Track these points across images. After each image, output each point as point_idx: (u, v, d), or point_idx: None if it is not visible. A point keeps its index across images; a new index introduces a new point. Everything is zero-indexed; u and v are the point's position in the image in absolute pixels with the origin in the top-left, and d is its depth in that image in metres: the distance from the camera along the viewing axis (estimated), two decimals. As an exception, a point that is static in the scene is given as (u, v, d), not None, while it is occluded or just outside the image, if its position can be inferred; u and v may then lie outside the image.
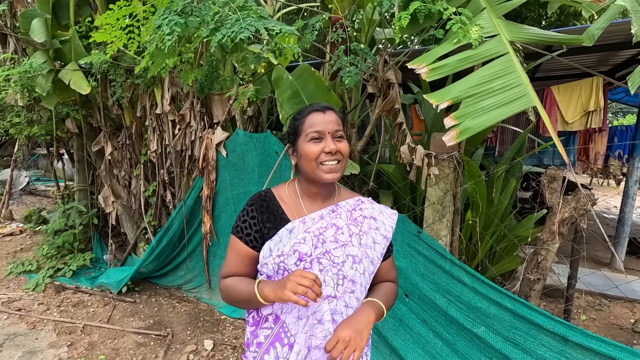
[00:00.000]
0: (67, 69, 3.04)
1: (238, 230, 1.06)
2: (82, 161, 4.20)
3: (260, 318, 1.06)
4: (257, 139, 2.84)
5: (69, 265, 3.67)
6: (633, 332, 2.94)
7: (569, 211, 1.84)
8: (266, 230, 1.04)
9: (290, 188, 1.11)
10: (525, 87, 1.20)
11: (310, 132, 1.01)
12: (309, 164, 1.01)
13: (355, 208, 1.10)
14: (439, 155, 2.09)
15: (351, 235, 1.04)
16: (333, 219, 1.05)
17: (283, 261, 0.98)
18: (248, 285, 1.01)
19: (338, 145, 1.01)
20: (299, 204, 1.08)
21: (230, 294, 1.05)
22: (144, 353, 2.60)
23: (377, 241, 1.08)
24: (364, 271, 1.03)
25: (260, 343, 1.04)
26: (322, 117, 1.02)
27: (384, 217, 1.13)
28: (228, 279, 1.07)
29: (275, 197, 1.09)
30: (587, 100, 4.05)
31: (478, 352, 2.06)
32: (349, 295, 1.01)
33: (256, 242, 1.05)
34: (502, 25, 1.34)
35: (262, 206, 1.06)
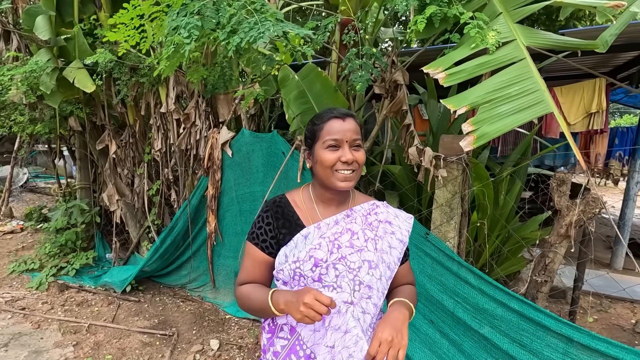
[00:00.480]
0: (72, 67, 3.02)
1: (254, 236, 1.06)
2: (84, 159, 4.18)
3: (276, 327, 1.06)
4: (263, 139, 2.84)
5: (72, 264, 3.66)
6: (634, 333, 2.97)
7: (577, 214, 1.86)
8: (281, 236, 1.04)
9: (305, 193, 1.11)
10: (542, 92, 1.21)
11: (328, 140, 1.01)
12: (324, 171, 1.01)
13: (370, 212, 1.10)
14: (448, 158, 2.10)
15: (367, 240, 1.03)
16: (348, 224, 1.04)
17: (299, 267, 0.98)
18: (262, 295, 1.00)
19: (355, 154, 1.01)
20: (314, 209, 1.08)
21: (244, 302, 1.05)
22: (150, 353, 2.60)
23: (393, 245, 1.07)
24: (381, 276, 1.02)
25: (277, 352, 1.04)
26: (341, 124, 1.01)
27: (400, 221, 1.12)
28: (243, 287, 1.07)
29: (290, 202, 1.09)
30: (590, 101, 4.07)
31: (485, 352, 2.07)
32: (366, 301, 1.00)
33: (272, 249, 1.05)
34: (519, 31, 1.35)
35: (277, 212, 1.06)
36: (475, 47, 1.34)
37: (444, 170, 2.09)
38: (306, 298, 0.88)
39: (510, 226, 2.55)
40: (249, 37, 1.32)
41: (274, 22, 1.35)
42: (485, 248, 2.42)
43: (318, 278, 0.98)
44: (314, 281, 0.99)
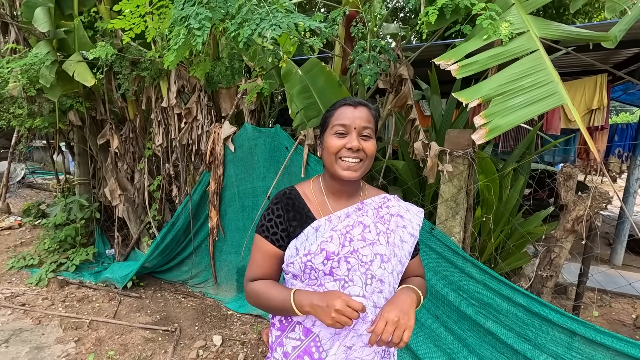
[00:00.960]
0: (71, 60, 2.98)
1: (264, 229, 1.04)
2: (83, 154, 4.13)
3: (289, 324, 1.04)
4: (266, 133, 2.82)
5: (72, 259, 3.63)
6: (635, 328, 2.99)
7: (583, 209, 1.86)
8: (292, 228, 1.02)
9: (315, 185, 1.10)
10: (556, 84, 1.20)
11: (336, 125, 1.00)
12: (329, 158, 1.00)
13: (382, 206, 1.09)
14: (454, 152, 2.09)
15: (379, 233, 1.02)
16: (359, 217, 1.03)
17: (310, 260, 0.97)
18: (281, 294, 0.98)
19: (362, 143, 0.98)
20: (324, 202, 1.06)
21: (260, 299, 1.01)
22: (152, 348, 2.59)
23: (404, 239, 1.06)
24: (392, 270, 1.01)
25: (287, 353, 1.03)
26: (352, 111, 1.00)
27: (411, 215, 1.11)
28: (257, 283, 1.03)
29: (300, 194, 1.07)
30: (591, 98, 4.08)
31: (489, 347, 2.08)
32: (378, 295, 0.99)
33: (282, 241, 1.03)
34: (532, 22, 1.33)
35: (287, 204, 1.04)
36: (487, 39, 1.33)
37: (450, 165, 2.09)
38: (338, 304, 0.87)
39: (514, 221, 2.55)
40: (261, 28, 1.29)
41: (285, 14, 1.33)
42: (490, 242, 2.42)
43: (329, 272, 0.97)
44: (325, 274, 0.97)
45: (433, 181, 2.19)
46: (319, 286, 0.99)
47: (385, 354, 1.07)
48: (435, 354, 2.22)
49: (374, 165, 2.93)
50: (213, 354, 2.54)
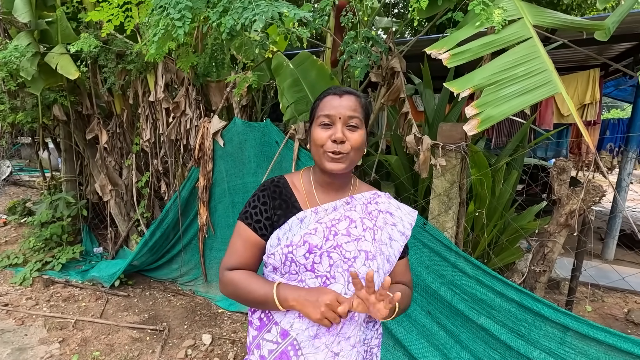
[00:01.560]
0: (54, 52, 2.88)
1: (247, 216, 0.99)
2: (70, 150, 4.03)
3: (270, 321, 0.98)
4: (256, 128, 2.76)
5: (58, 258, 3.54)
6: (627, 322, 2.99)
7: (577, 203, 1.83)
8: (276, 217, 0.98)
9: (305, 176, 1.06)
10: (550, 73, 1.16)
11: (321, 116, 0.95)
12: (316, 150, 0.96)
13: (371, 201, 1.04)
14: (447, 146, 2.05)
15: (365, 229, 0.97)
16: (347, 211, 0.98)
17: (291, 252, 0.92)
18: (263, 286, 0.93)
19: (348, 134, 0.93)
20: (312, 193, 1.02)
21: (239, 290, 0.96)
22: (140, 348, 2.52)
23: (394, 238, 1.01)
24: (378, 269, 0.95)
25: (264, 357, 0.98)
26: (338, 101, 0.95)
27: (402, 214, 1.06)
28: (236, 273, 0.98)
29: (289, 184, 1.03)
30: (584, 92, 4.07)
31: (482, 343, 2.05)
32: None
33: (265, 230, 0.98)
34: (526, 9, 1.29)
35: (274, 192, 1.00)
36: (480, 26, 1.28)
37: (443, 159, 2.05)
38: (328, 299, 0.84)
39: (507, 216, 2.53)
40: (244, 19, 1.23)
41: (268, 2, 1.27)
42: (483, 238, 2.40)
43: (311, 267, 0.92)
44: (306, 270, 0.93)
45: (426, 175, 2.16)
46: (299, 282, 0.94)
47: (367, 354, 1.02)
48: (428, 350, 2.19)
49: (366, 160, 2.89)
50: (202, 354, 2.49)
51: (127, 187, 3.72)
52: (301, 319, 0.93)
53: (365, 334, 1.01)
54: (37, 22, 2.96)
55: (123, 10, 1.57)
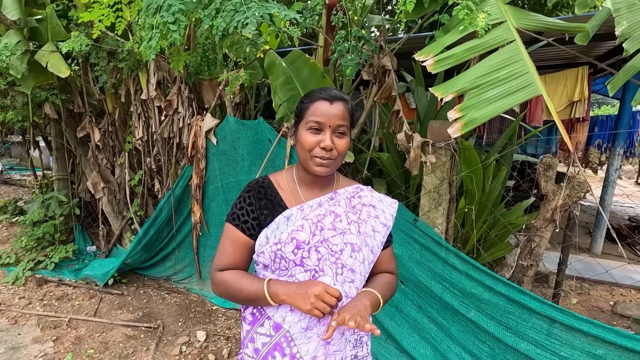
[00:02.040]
0: (44, 50, 2.86)
1: (234, 217, 1.02)
2: (61, 149, 4.01)
3: (262, 316, 1.02)
4: (248, 126, 2.77)
5: (51, 257, 3.53)
6: (613, 314, 3.07)
7: (562, 198, 1.88)
8: (263, 217, 1.01)
9: (288, 175, 1.09)
10: (531, 75, 1.20)
11: (311, 121, 0.97)
12: (303, 153, 0.99)
13: (354, 195, 1.08)
14: (436, 143, 2.09)
15: (350, 223, 1.01)
16: (332, 206, 1.02)
17: (280, 249, 0.95)
18: (254, 283, 0.96)
19: (336, 142, 0.96)
20: (297, 191, 1.05)
21: (230, 289, 0.99)
22: (134, 346, 2.54)
23: (377, 229, 1.06)
24: (364, 260, 1.01)
25: (258, 350, 1.01)
26: (328, 108, 0.97)
27: (384, 206, 1.11)
28: (227, 273, 1.01)
29: (273, 183, 1.06)
30: (572, 90, 4.14)
31: (472, 336, 2.10)
32: (349, 285, 0.98)
33: (253, 230, 1.01)
34: (509, 12, 1.32)
35: (259, 192, 1.03)
36: (464, 30, 1.31)
37: (433, 156, 2.08)
38: (317, 290, 0.87)
39: (496, 212, 2.58)
40: (235, 22, 1.24)
41: (259, 4, 1.28)
42: (473, 233, 2.44)
43: (300, 262, 0.96)
44: (295, 265, 0.96)
45: (416, 172, 2.19)
46: (289, 277, 0.98)
47: (357, 343, 1.06)
48: (419, 343, 2.23)
49: (358, 158, 2.92)
50: (197, 350, 2.51)
51: (119, 185, 3.71)
52: (293, 313, 0.96)
53: None
54: (27, 20, 2.93)
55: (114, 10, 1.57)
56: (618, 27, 1.25)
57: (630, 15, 1.26)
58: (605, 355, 1.75)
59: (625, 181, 11.78)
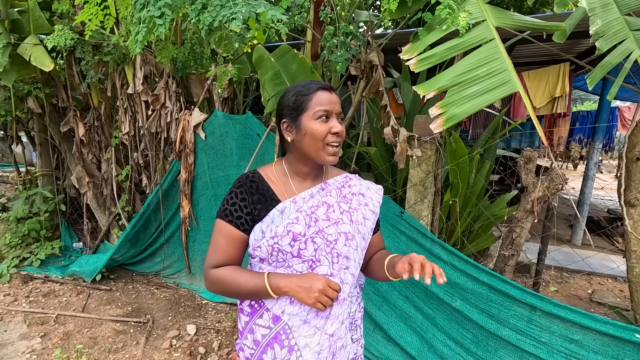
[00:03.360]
0: (27, 43, 2.80)
1: (227, 213, 1.01)
2: (45, 144, 3.93)
3: (261, 307, 1.04)
4: (237, 120, 2.77)
5: (36, 254, 3.48)
6: (590, 302, 3.20)
7: (542, 190, 1.95)
8: (257, 212, 1.01)
9: (278, 168, 1.09)
10: (509, 72, 1.25)
11: (319, 110, 0.98)
12: (315, 144, 0.98)
13: (344, 185, 1.11)
14: (422, 137, 2.14)
15: (342, 212, 1.04)
16: (323, 197, 1.05)
17: (277, 242, 0.97)
18: (253, 278, 0.97)
19: (340, 127, 1.01)
20: (289, 184, 1.06)
21: (229, 286, 0.99)
22: (124, 340, 2.54)
23: (367, 217, 1.09)
24: (357, 247, 1.04)
25: (257, 341, 1.03)
26: (330, 96, 1.00)
27: (372, 193, 1.14)
28: (222, 270, 1.00)
29: (264, 177, 1.06)
30: (554, 86, 4.25)
31: (456, 324, 2.17)
32: (344, 272, 1.02)
33: (247, 225, 1.01)
34: (489, 11, 1.37)
35: (251, 187, 1.03)
36: (446, 29, 1.35)
37: (419, 150, 2.13)
38: (320, 284, 0.92)
39: (480, 204, 2.65)
40: (221, 16, 1.25)
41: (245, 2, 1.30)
42: (457, 225, 2.51)
43: (297, 253, 0.98)
44: (293, 257, 0.99)
45: (403, 166, 2.24)
46: (287, 268, 1.00)
47: (352, 326, 1.10)
48: (406, 332, 2.30)
49: (347, 152, 2.96)
50: (187, 343, 2.53)
51: (106, 180, 3.67)
52: (292, 304, 0.99)
53: (350, 308, 1.09)
54: (8, 12, 2.86)
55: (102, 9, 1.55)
56: (592, 26, 1.31)
57: (604, 14, 1.32)
58: (582, 339, 1.84)
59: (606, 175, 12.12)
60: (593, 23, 1.32)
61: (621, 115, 6.24)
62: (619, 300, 3.16)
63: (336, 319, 1.01)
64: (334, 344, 1.01)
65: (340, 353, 1.04)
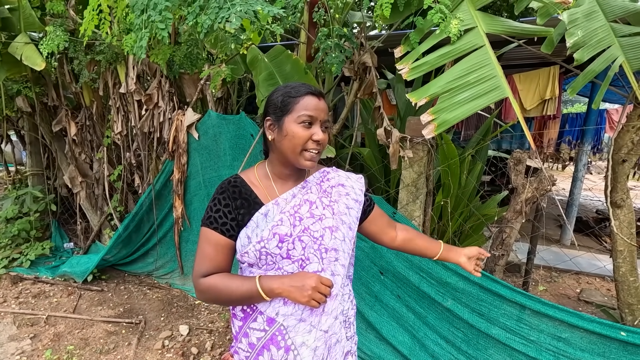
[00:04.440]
0: (18, 42, 2.77)
1: (212, 221, 1.00)
2: (35, 143, 3.89)
3: (253, 312, 1.04)
4: (230, 121, 2.77)
5: (26, 254, 3.44)
6: (578, 301, 3.26)
7: (531, 191, 1.99)
8: (240, 217, 1.00)
9: (260, 170, 1.08)
10: (499, 79, 1.27)
11: (303, 115, 0.97)
12: (294, 147, 0.98)
13: (323, 180, 1.12)
14: (414, 139, 2.16)
15: (324, 207, 1.05)
16: (304, 194, 1.05)
17: (264, 246, 0.97)
18: (244, 283, 0.97)
19: (323, 135, 1.00)
20: (271, 186, 1.06)
21: (221, 294, 0.98)
22: (115, 341, 2.53)
23: (350, 206, 1.10)
24: (344, 238, 1.06)
25: (253, 344, 1.03)
26: (317, 103, 1.00)
27: (352, 182, 1.16)
28: (212, 278, 0.99)
29: (246, 181, 1.05)
30: (544, 88, 4.32)
31: (447, 323, 2.20)
32: (334, 264, 1.03)
33: (233, 231, 1.00)
34: (480, 18, 1.39)
35: (234, 192, 1.02)
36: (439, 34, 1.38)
37: (410, 151, 2.16)
38: (312, 281, 0.93)
39: (471, 205, 2.69)
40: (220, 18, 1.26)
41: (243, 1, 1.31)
42: (449, 226, 2.54)
43: (286, 254, 0.98)
44: (282, 258, 0.99)
45: (395, 167, 2.26)
46: (277, 270, 1.00)
47: (346, 324, 1.12)
48: (398, 331, 2.32)
49: (340, 152, 2.98)
50: (179, 344, 2.52)
51: (98, 180, 3.64)
52: (286, 305, 1.00)
53: (343, 306, 1.10)
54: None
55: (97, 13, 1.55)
56: (570, 38, 1.34)
57: (588, 23, 1.35)
58: (570, 337, 1.88)
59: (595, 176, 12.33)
60: (572, 35, 1.36)
61: (609, 118, 6.36)
62: (606, 299, 3.22)
63: (330, 315, 1.02)
64: (329, 339, 1.03)
65: (335, 348, 1.06)
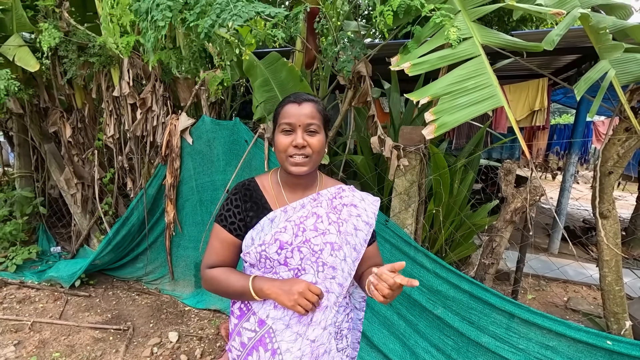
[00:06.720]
0: (10, 45, 2.74)
1: (222, 218, 1.07)
2: (25, 145, 3.83)
3: (249, 310, 1.08)
4: (225, 126, 2.77)
5: (12, 258, 3.36)
6: (566, 309, 3.31)
7: (521, 201, 2.03)
8: (249, 219, 1.06)
9: (273, 177, 1.13)
10: (494, 88, 1.31)
11: (282, 124, 1.02)
12: (279, 155, 1.03)
13: (336, 196, 1.12)
14: (407, 147, 2.19)
15: (330, 223, 1.05)
16: (314, 207, 1.06)
17: (265, 250, 1.00)
18: (240, 279, 1.03)
19: (309, 139, 1.01)
20: (281, 194, 1.10)
21: (220, 285, 1.06)
22: (103, 348, 2.48)
23: (359, 227, 1.10)
24: (345, 257, 1.05)
25: (244, 344, 1.07)
26: (296, 109, 1.01)
27: (366, 204, 1.15)
28: (215, 270, 1.07)
29: (259, 186, 1.10)
30: (534, 99, 4.42)
31: (438, 331, 2.22)
32: (330, 281, 1.03)
33: (240, 231, 1.06)
34: (475, 29, 1.44)
35: (245, 195, 1.08)
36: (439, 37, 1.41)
37: (405, 160, 2.18)
38: (300, 287, 0.95)
39: (462, 213, 2.72)
40: (221, 19, 1.27)
41: (246, 3, 1.32)
42: (440, 234, 2.57)
43: (284, 262, 1.01)
44: (280, 264, 1.01)
45: (392, 177, 2.28)
46: (274, 274, 1.03)
47: (337, 335, 1.12)
48: (388, 339, 2.33)
49: (334, 160, 2.99)
50: (169, 351, 2.49)
51: (88, 183, 3.59)
52: (276, 309, 1.03)
53: (336, 317, 1.10)
54: (-10, 10, 2.80)
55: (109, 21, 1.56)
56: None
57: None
58: (557, 346, 1.91)
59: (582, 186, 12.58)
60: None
61: (596, 130, 6.53)
62: (592, 308, 3.28)
63: (318, 325, 1.02)
64: (316, 349, 1.03)
65: (323, 358, 1.06)
